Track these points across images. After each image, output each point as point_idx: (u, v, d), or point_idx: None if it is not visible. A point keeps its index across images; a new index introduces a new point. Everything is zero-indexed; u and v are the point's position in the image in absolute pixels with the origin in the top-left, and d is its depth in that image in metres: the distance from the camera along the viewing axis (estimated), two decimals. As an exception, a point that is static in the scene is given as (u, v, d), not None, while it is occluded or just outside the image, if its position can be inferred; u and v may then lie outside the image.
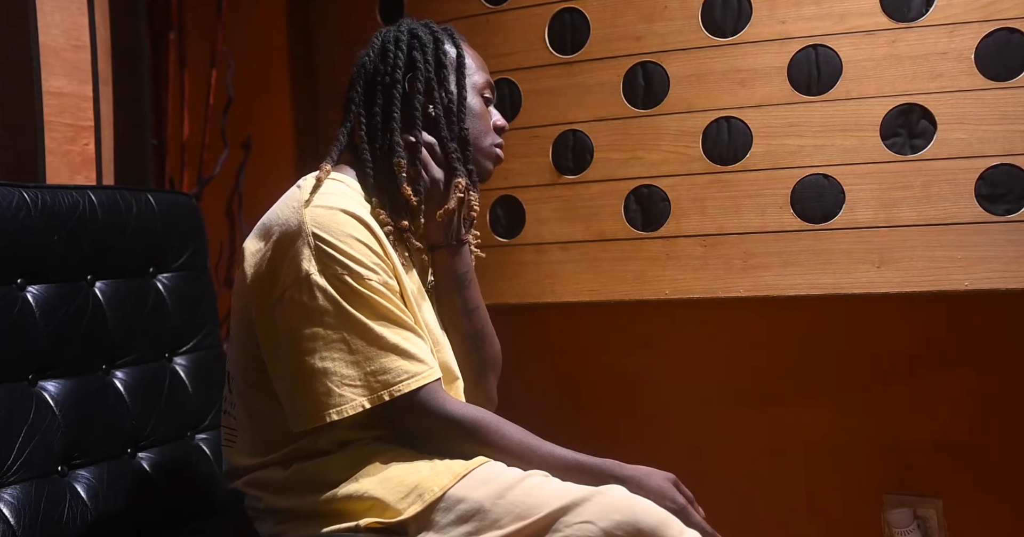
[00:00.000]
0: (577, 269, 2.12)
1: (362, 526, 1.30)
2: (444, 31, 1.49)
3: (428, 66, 1.45)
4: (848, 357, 2.15)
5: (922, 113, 1.88)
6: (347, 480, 1.33)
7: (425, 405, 1.34)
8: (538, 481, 1.29)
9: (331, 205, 1.34)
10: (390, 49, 1.46)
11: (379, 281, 1.33)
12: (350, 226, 1.33)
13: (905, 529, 2.07)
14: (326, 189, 1.38)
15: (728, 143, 2.00)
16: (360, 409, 1.31)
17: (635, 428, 2.24)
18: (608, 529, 1.21)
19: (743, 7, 1.98)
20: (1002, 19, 1.83)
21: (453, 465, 1.32)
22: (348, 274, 1.31)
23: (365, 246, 1.33)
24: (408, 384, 1.32)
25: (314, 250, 1.31)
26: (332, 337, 1.31)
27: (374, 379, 1.31)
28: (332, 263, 1.31)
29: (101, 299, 1.62)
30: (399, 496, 1.29)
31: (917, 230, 1.89)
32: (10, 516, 1.39)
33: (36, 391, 1.50)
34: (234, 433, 1.46)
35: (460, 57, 1.47)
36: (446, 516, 1.27)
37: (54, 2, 1.95)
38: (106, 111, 2.09)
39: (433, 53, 1.46)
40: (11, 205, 1.49)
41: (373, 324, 1.32)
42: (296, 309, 1.32)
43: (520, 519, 1.24)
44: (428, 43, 1.46)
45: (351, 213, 1.34)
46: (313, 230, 1.31)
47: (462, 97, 1.46)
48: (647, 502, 1.25)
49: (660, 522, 1.22)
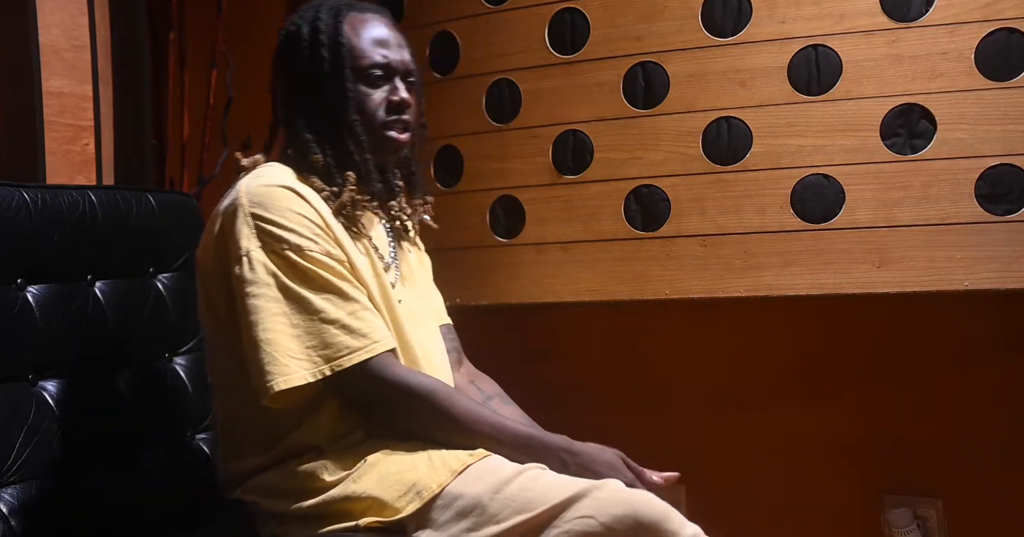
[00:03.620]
0: (577, 269, 2.12)
1: (361, 526, 1.30)
2: (330, 11, 1.47)
3: (302, 57, 1.45)
4: (848, 357, 2.15)
5: (922, 113, 1.88)
6: (344, 480, 1.33)
7: (373, 377, 1.34)
8: (535, 474, 1.29)
9: (268, 182, 1.37)
10: (281, 38, 1.49)
11: (320, 251, 1.34)
12: (287, 199, 1.35)
13: (905, 529, 2.07)
14: (263, 171, 1.42)
15: (728, 143, 2.00)
16: (304, 381, 1.31)
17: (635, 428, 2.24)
18: (608, 523, 1.21)
19: (743, 7, 1.98)
20: (1002, 19, 1.83)
21: (450, 461, 1.32)
22: (288, 248, 1.33)
23: (304, 217, 1.35)
24: (350, 358, 1.33)
25: (253, 228, 1.34)
26: (274, 310, 1.32)
27: (315, 353, 1.33)
28: (271, 239, 1.33)
29: (101, 299, 1.62)
30: (397, 494, 1.29)
31: (917, 230, 1.89)
32: (10, 516, 1.39)
33: (36, 391, 1.50)
34: (223, 442, 1.47)
35: (337, 45, 1.44)
36: (444, 513, 1.27)
37: (54, 2, 1.95)
38: (106, 111, 2.09)
39: (309, 43, 1.45)
40: (11, 205, 1.49)
41: (314, 297, 1.33)
42: (241, 285, 1.34)
43: (518, 513, 1.24)
44: (305, 34, 1.45)
45: (288, 187, 1.36)
46: (251, 209, 1.34)
47: (340, 85, 1.43)
48: (647, 495, 1.25)
49: (661, 516, 1.22)
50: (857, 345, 2.14)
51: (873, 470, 2.13)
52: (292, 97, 1.48)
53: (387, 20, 1.51)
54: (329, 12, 1.46)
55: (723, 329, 2.23)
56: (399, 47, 1.49)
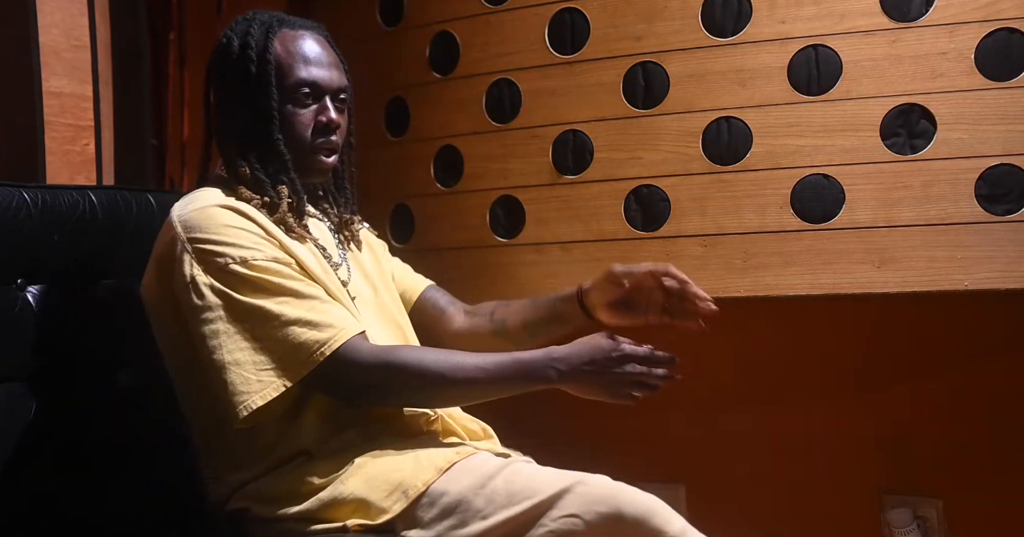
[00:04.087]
0: (577, 269, 2.11)
1: (349, 526, 1.30)
2: (262, 26, 1.44)
3: (230, 72, 1.43)
4: (848, 357, 2.15)
5: (922, 113, 1.88)
6: (333, 482, 1.32)
7: (346, 364, 1.33)
8: (518, 468, 1.29)
9: (197, 206, 1.37)
10: (213, 50, 1.47)
11: (266, 258, 1.34)
12: (222, 216, 1.35)
13: (905, 529, 2.07)
14: (191, 197, 1.41)
15: (728, 143, 2.00)
16: (283, 389, 1.31)
17: (635, 428, 2.24)
18: (593, 522, 1.21)
19: (743, 7, 1.98)
20: (1002, 19, 1.83)
21: (435, 459, 1.31)
22: (233, 262, 1.32)
23: (241, 230, 1.34)
24: (323, 352, 1.32)
25: (193, 252, 1.33)
26: (232, 329, 1.32)
27: (288, 357, 1.31)
28: (213, 257, 1.32)
29: (101, 299, 1.62)
30: (384, 494, 1.29)
31: (917, 230, 1.88)
32: (7, 517, 1.39)
33: (36, 391, 1.50)
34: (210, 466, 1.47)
35: (265, 61, 1.41)
36: (430, 511, 1.27)
37: (54, 2, 1.95)
38: (106, 111, 2.09)
39: (238, 57, 1.42)
40: (11, 205, 1.49)
41: (270, 305, 1.32)
42: (194, 314, 1.33)
43: (503, 508, 1.24)
44: (235, 48, 1.43)
45: (221, 205, 1.36)
46: (186, 235, 1.34)
47: (266, 103, 1.41)
48: (631, 491, 1.25)
49: (647, 511, 1.22)
50: (857, 345, 2.14)
51: (873, 470, 2.13)
52: (222, 111, 1.47)
53: (321, 37, 1.48)
54: (261, 27, 1.44)
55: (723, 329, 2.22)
56: (331, 66, 1.46)
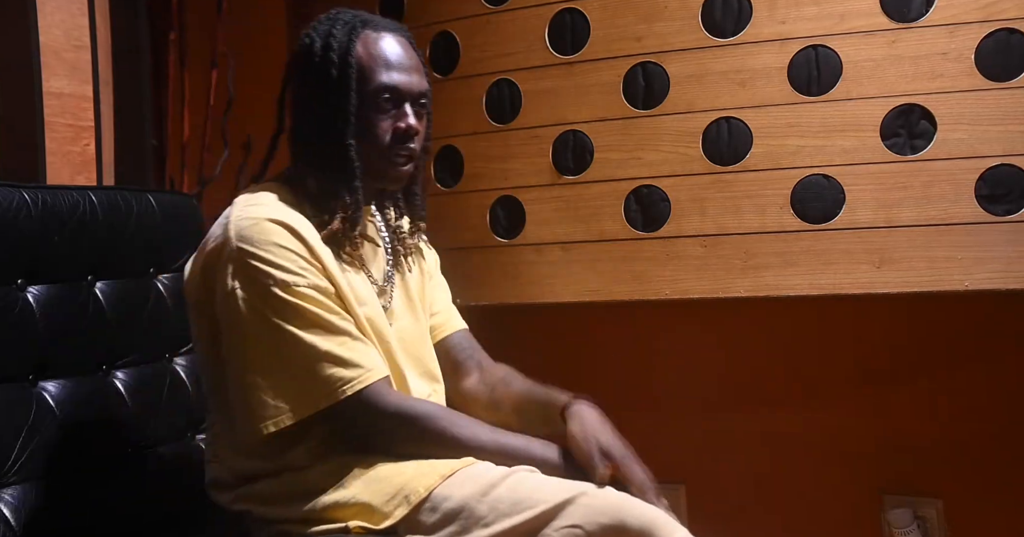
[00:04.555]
0: (577, 269, 2.12)
1: (351, 528, 1.29)
2: (344, 26, 1.40)
3: (311, 73, 1.40)
4: (848, 357, 2.15)
5: (922, 113, 1.88)
6: (335, 486, 1.32)
7: (369, 406, 1.32)
8: (523, 477, 1.28)
9: (255, 216, 1.34)
10: (296, 48, 1.43)
11: (308, 285, 1.32)
12: (274, 234, 1.32)
13: (905, 529, 2.07)
14: (253, 200, 1.38)
15: (728, 143, 2.00)
16: (296, 420, 1.30)
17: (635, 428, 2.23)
18: (596, 533, 1.20)
19: (743, 7, 1.98)
20: (1002, 19, 1.83)
21: (439, 465, 1.31)
22: (274, 284, 1.30)
23: (290, 252, 1.32)
24: (344, 391, 1.31)
25: (240, 265, 1.31)
26: (265, 350, 1.31)
27: (309, 389, 1.31)
28: (258, 276, 1.31)
29: (101, 299, 1.62)
30: (386, 499, 1.29)
31: (917, 230, 1.89)
32: (10, 516, 1.39)
33: (36, 391, 1.50)
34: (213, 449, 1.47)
35: (346, 64, 1.37)
36: (432, 516, 1.26)
37: (54, 2, 1.95)
38: (106, 111, 2.09)
39: (319, 59, 1.39)
40: (11, 205, 1.49)
41: (304, 334, 1.31)
42: (229, 325, 1.33)
43: (506, 516, 1.23)
44: (317, 49, 1.39)
45: (275, 220, 1.33)
46: (238, 245, 1.32)
47: (344, 108, 1.37)
48: (635, 502, 1.24)
49: (649, 523, 1.21)
50: (857, 345, 2.14)
51: (873, 470, 2.13)
52: (297, 112, 1.44)
53: (403, 39, 1.43)
54: (344, 28, 1.40)
55: (723, 329, 2.23)
56: (412, 69, 1.41)
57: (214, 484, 1.46)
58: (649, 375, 2.30)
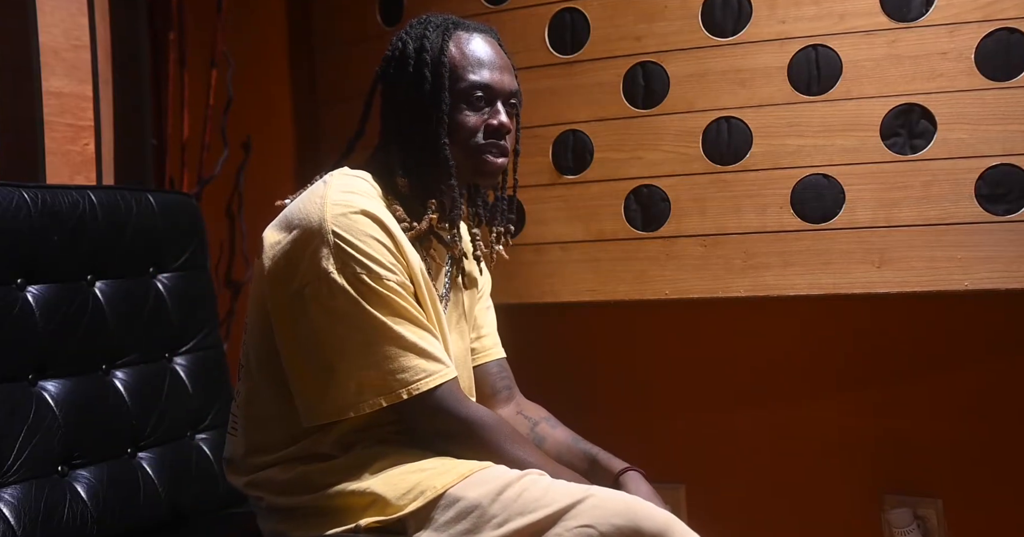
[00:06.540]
0: (577, 269, 2.12)
1: (363, 526, 1.30)
2: (437, 29, 1.44)
3: (405, 75, 1.42)
4: (848, 357, 2.15)
5: (922, 113, 1.88)
6: (349, 477, 1.33)
7: (442, 404, 1.34)
8: (535, 478, 1.29)
9: (352, 205, 1.35)
10: (389, 52, 1.46)
11: (396, 281, 1.34)
12: (369, 226, 1.34)
13: (905, 529, 2.07)
14: (349, 186, 1.39)
15: (728, 143, 2.00)
16: (378, 406, 1.32)
17: (635, 428, 2.24)
18: (608, 533, 1.21)
19: (743, 7, 1.98)
20: (1002, 19, 1.83)
21: (458, 465, 1.32)
22: (366, 273, 1.32)
23: (383, 246, 1.34)
24: (427, 383, 1.33)
25: (333, 249, 1.32)
26: (351, 335, 1.32)
27: (392, 377, 1.32)
28: (351, 262, 1.32)
29: (101, 299, 1.62)
30: (400, 493, 1.29)
31: (917, 230, 1.89)
32: (10, 516, 1.39)
33: (36, 391, 1.50)
34: (236, 422, 1.46)
35: (439, 64, 1.41)
36: (445, 514, 1.27)
37: (54, 2, 1.95)
38: (106, 111, 2.09)
39: (414, 62, 1.42)
40: (11, 205, 1.49)
41: (391, 323, 1.33)
42: (315, 307, 1.33)
43: (518, 515, 1.24)
44: (411, 52, 1.42)
45: (370, 214, 1.34)
46: (333, 228, 1.32)
47: (437, 107, 1.40)
48: (648, 505, 1.25)
49: (663, 527, 1.21)
50: (857, 345, 2.14)
51: (873, 470, 2.13)
52: (389, 114, 1.46)
53: (493, 40, 1.47)
54: (436, 30, 1.43)
55: (723, 329, 2.23)
56: (503, 69, 1.45)
57: (230, 463, 1.46)
58: (649, 375, 2.30)
